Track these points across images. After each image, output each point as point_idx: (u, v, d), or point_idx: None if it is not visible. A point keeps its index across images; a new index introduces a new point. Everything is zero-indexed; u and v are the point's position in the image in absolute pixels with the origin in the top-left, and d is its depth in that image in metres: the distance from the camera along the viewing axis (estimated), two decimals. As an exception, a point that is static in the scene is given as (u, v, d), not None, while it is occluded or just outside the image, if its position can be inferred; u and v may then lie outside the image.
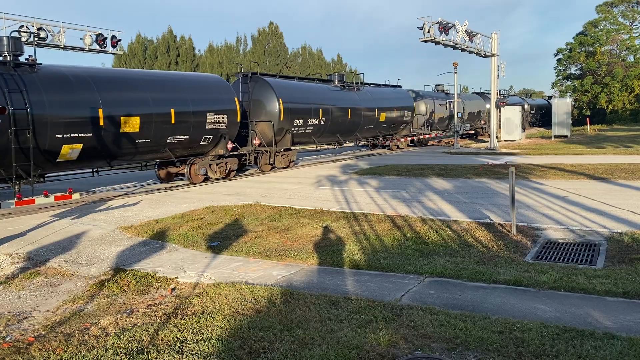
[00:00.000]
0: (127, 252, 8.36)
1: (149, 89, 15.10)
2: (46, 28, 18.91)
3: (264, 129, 20.05)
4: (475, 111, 40.51)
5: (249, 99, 19.91)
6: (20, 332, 5.23)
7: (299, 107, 21.01)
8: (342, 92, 24.97)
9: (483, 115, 41.69)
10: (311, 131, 22.10)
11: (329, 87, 24.57)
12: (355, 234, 8.90)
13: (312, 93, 22.66)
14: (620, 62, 56.68)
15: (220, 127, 17.05)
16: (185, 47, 47.90)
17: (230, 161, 18.06)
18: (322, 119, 22.44)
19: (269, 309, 5.39)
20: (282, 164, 20.94)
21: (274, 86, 20.09)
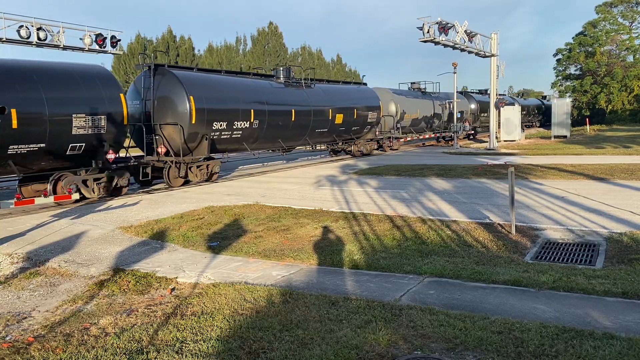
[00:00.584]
0: (127, 252, 8.36)
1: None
2: (46, 28, 18.90)
3: (172, 134, 16.20)
4: (458, 112, 37.03)
5: (153, 96, 16.23)
6: (19, 332, 5.23)
7: (220, 108, 17.23)
8: (287, 89, 21.28)
9: (466, 116, 39.05)
10: (240, 136, 18.29)
11: (271, 83, 20.92)
12: (355, 234, 8.90)
13: (241, 90, 18.71)
14: (620, 62, 56.72)
15: (96, 132, 13.44)
16: (184, 47, 47.92)
17: (118, 175, 14.38)
18: (255, 121, 18.59)
19: (269, 309, 5.39)
20: (200, 177, 17.05)
21: (184, 81, 16.31)
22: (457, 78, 33.61)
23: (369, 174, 17.97)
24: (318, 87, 23.47)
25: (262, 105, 19.09)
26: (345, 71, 65.29)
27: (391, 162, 22.70)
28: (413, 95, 32.77)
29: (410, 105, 31.40)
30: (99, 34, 20.54)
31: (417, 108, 32.11)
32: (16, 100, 11.90)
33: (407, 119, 31.05)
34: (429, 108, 33.70)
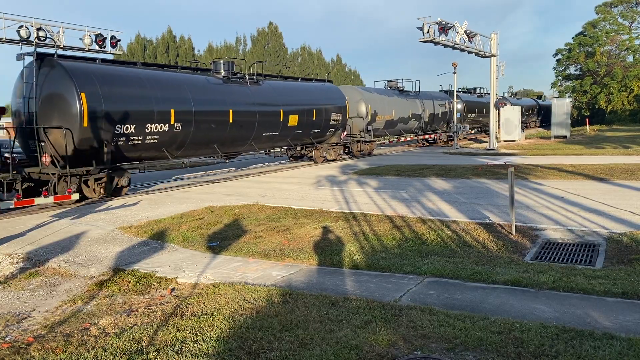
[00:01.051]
0: (127, 252, 8.36)
1: None
2: (45, 28, 18.89)
3: (59, 139, 13.16)
4: (440, 112, 34.84)
5: (37, 94, 13.38)
6: (19, 332, 5.23)
7: (126, 108, 14.24)
8: (226, 86, 18.22)
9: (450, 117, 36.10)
10: (157, 142, 15.25)
11: (208, 79, 17.95)
12: (355, 234, 8.90)
13: (159, 87, 15.53)
14: (620, 62, 56.77)
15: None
16: (184, 47, 47.92)
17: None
18: (178, 124, 15.63)
19: (269, 309, 5.39)
20: (99, 192, 13.90)
21: (75, 74, 13.35)
22: (457, 78, 33.64)
23: (369, 174, 17.97)
24: (267, 83, 20.33)
25: (188, 105, 16.11)
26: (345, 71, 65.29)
27: (391, 162, 22.70)
28: (388, 94, 29.50)
29: (384, 106, 28.25)
30: (99, 34, 20.53)
31: (392, 108, 28.94)
32: None
33: (379, 121, 27.82)
34: (406, 108, 30.64)
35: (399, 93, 30.82)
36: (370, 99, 27.23)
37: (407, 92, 31.81)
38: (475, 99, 40.91)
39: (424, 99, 33.15)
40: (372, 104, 27.17)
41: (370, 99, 27.33)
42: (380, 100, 28.19)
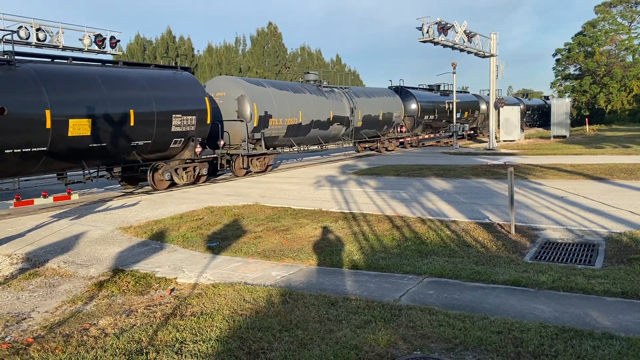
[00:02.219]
0: (126, 252, 8.36)
1: None
2: (45, 28, 18.88)
3: None
4: (380, 114, 27.51)
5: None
6: (19, 332, 5.23)
7: None
8: None
9: (398, 118, 29.33)
10: None
11: None
12: (355, 235, 8.90)
13: None
14: (619, 62, 56.78)
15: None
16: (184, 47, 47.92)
17: None
18: None
19: (268, 310, 5.39)
20: None
21: None
22: (457, 78, 33.52)
23: (369, 174, 17.97)
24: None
25: None
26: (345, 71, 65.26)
27: (391, 162, 22.70)
28: (293, 89, 22.09)
29: (285, 105, 20.75)
30: (98, 35, 20.53)
31: (299, 109, 21.44)
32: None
33: (277, 126, 20.37)
34: (324, 109, 23.17)
35: (315, 89, 23.39)
36: (259, 96, 19.60)
37: (330, 88, 24.66)
38: (435, 98, 34.16)
39: (358, 96, 25.94)
40: (262, 103, 19.59)
41: (260, 95, 19.70)
42: (277, 98, 20.45)
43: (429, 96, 33.68)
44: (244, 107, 19.14)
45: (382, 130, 28.65)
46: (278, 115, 20.39)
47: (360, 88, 28.77)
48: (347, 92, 25.44)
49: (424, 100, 32.29)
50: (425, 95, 33.26)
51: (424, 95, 33.19)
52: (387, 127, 29.16)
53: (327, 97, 23.79)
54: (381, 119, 27.99)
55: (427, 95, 33.82)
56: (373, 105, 27.17)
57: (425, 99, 32.62)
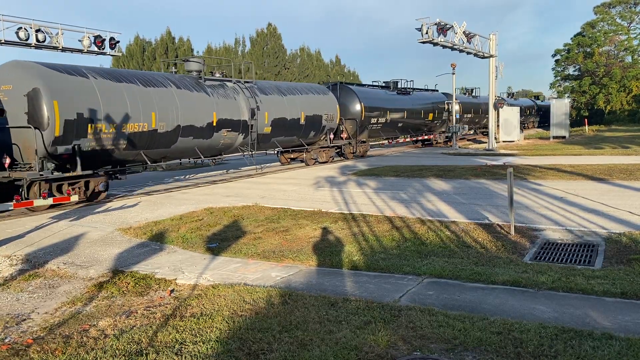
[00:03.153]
0: (126, 253, 8.36)
1: None
2: (44, 30, 18.90)
3: None
4: (302, 117, 21.16)
5: None
6: (18, 334, 5.23)
7: None
8: None
9: (331, 122, 23.05)
10: None
11: None
12: (354, 235, 8.90)
13: None
14: (618, 63, 56.82)
15: None
16: (183, 48, 47.91)
17: None
18: None
19: (268, 310, 5.39)
20: None
21: None
22: (457, 79, 33.46)
23: (368, 175, 17.97)
24: None
25: None
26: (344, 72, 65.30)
27: (390, 163, 22.71)
28: (146, 81, 15.28)
29: (126, 105, 14.13)
30: (98, 36, 20.55)
31: (152, 109, 14.78)
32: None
33: (106, 135, 13.63)
34: (206, 110, 16.79)
35: (191, 83, 16.94)
36: (69, 90, 12.92)
37: (220, 82, 18.43)
38: (388, 97, 28.06)
39: (267, 93, 19.79)
40: (76, 101, 12.96)
41: (71, 89, 12.99)
42: (107, 94, 13.74)
43: (379, 95, 27.31)
44: (37, 107, 12.33)
45: (307, 137, 22.15)
46: (108, 119, 13.55)
47: (273, 83, 22.37)
48: (249, 88, 19.07)
49: (372, 99, 25.93)
50: (373, 94, 26.82)
51: (371, 93, 26.75)
52: (316, 134, 22.69)
53: (211, 93, 17.27)
54: (303, 123, 21.40)
55: (377, 94, 27.31)
56: (290, 106, 20.73)
57: (373, 98, 26.20)
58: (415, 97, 31.27)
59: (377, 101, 26.72)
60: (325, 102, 23.14)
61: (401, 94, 29.82)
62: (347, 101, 24.88)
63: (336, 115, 23.56)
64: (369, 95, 26.44)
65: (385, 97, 28.10)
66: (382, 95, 27.89)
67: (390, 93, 28.90)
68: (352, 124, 24.91)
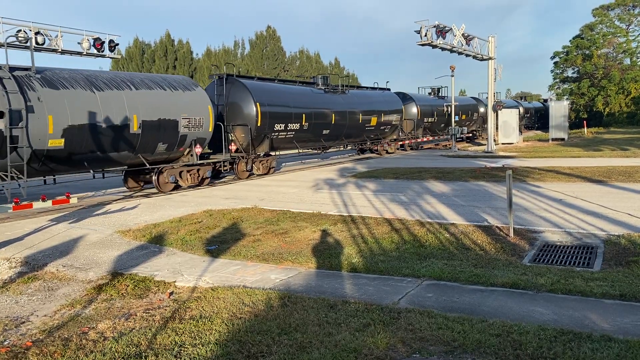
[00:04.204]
0: (125, 256, 8.36)
1: None
2: (44, 32, 18.89)
3: None
4: (135, 122, 14.41)
5: None
6: (17, 336, 5.22)
7: None
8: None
9: (197, 129, 16.49)
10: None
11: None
12: (353, 237, 8.90)
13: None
14: (617, 65, 56.94)
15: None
16: (182, 51, 47.96)
17: None
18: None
19: (267, 313, 5.39)
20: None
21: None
22: (455, 81, 33.42)
23: (367, 177, 17.98)
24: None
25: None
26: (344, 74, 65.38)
27: (389, 165, 22.72)
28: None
29: None
30: (97, 38, 20.54)
31: None
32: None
33: None
34: None
35: None
36: None
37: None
38: (294, 95, 21.65)
39: (54, 86, 12.96)
40: None
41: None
42: None
43: (289, 94, 21.28)
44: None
45: (151, 152, 15.43)
46: None
47: (84, 72, 14.53)
48: (17, 77, 12.35)
49: (277, 98, 20.16)
50: (280, 93, 20.77)
51: (277, 92, 20.71)
52: (171, 147, 15.90)
53: None
54: (138, 132, 14.60)
55: (286, 92, 21.27)
56: (111, 105, 14.04)
57: (279, 97, 20.38)
58: (352, 98, 25.58)
59: (285, 101, 20.62)
60: (188, 102, 16.31)
61: (331, 93, 24.04)
62: (239, 100, 18.93)
63: (208, 119, 16.85)
64: (274, 94, 20.38)
65: (302, 97, 21.85)
66: (295, 95, 21.59)
67: (316, 91, 23.32)
68: (243, 132, 18.93)
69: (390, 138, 30.10)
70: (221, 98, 19.21)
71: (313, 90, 23.43)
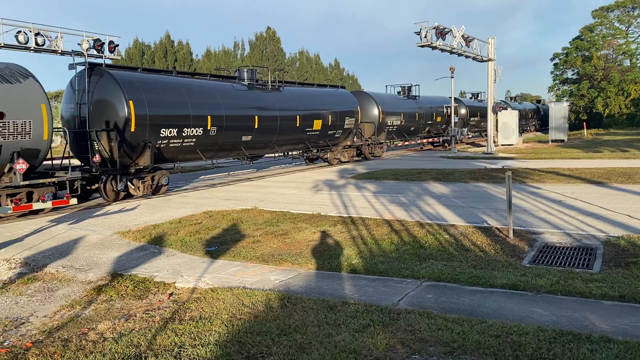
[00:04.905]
0: (125, 257, 8.36)
1: None
2: (44, 33, 18.91)
3: None
4: None
5: None
6: (17, 337, 5.23)
7: None
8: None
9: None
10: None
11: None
12: (353, 239, 8.91)
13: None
14: (617, 66, 57.04)
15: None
16: (182, 52, 48.00)
17: None
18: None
19: (267, 314, 5.40)
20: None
21: None
22: (455, 83, 33.38)
23: (367, 178, 17.99)
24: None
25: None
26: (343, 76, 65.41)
27: (389, 166, 22.73)
28: None
29: None
30: (97, 39, 20.55)
31: None
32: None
33: None
34: None
35: None
36: None
37: None
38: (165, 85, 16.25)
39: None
40: None
41: None
42: None
43: (169, 86, 16.19)
44: None
45: None
46: None
47: None
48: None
49: (155, 92, 15.39)
50: (159, 86, 15.90)
51: (156, 85, 15.86)
52: None
53: None
54: None
55: (168, 85, 16.23)
56: None
57: (157, 92, 15.52)
58: (289, 96, 21.36)
59: (180, 100, 16.02)
60: (4, 99, 11.84)
61: (258, 90, 19.79)
62: (108, 98, 14.53)
63: (40, 122, 12.48)
64: (163, 90, 15.81)
65: (209, 94, 17.44)
66: (198, 92, 16.98)
67: (237, 88, 19.03)
68: (112, 139, 14.41)
69: (344, 144, 25.19)
70: (85, 95, 14.56)
71: (233, 86, 18.95)
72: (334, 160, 24.38)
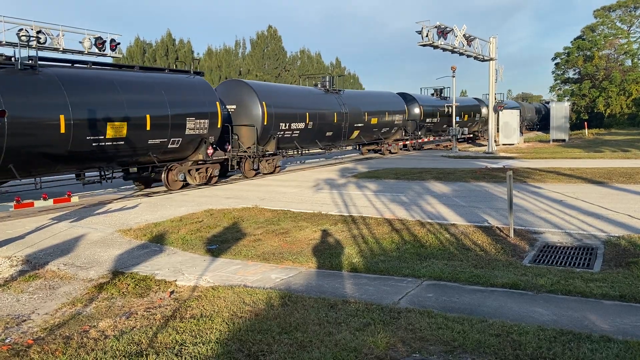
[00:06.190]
0: (126, 255, 8.37)
1: None
2: (45, 31, 18.92)
3: None
4: None
5: None
6: (19, 334, 5.24)
7: None
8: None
9: None
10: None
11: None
12: (354, 238, 8.92)
13: None
14: (618, 66, 56.98)
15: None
16: (184, 50, 48.01)
17: None
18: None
19: (268, 312, 5.41)
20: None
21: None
22: (456, 82, 33.38)
23: (368, 177, 17.99)
24: None
25: None
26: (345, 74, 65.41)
27: (390, 165, 22.73)
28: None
29: None
30: (99, 38, 20.56)
31: None
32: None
33: None
34: None
35: None
36: None
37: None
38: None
39: None
40: None
41: None
42: None
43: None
44: None
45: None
46: None
47: None
48: None
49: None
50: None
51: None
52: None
53: None
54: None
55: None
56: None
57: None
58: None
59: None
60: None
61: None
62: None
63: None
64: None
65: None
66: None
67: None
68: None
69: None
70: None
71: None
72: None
